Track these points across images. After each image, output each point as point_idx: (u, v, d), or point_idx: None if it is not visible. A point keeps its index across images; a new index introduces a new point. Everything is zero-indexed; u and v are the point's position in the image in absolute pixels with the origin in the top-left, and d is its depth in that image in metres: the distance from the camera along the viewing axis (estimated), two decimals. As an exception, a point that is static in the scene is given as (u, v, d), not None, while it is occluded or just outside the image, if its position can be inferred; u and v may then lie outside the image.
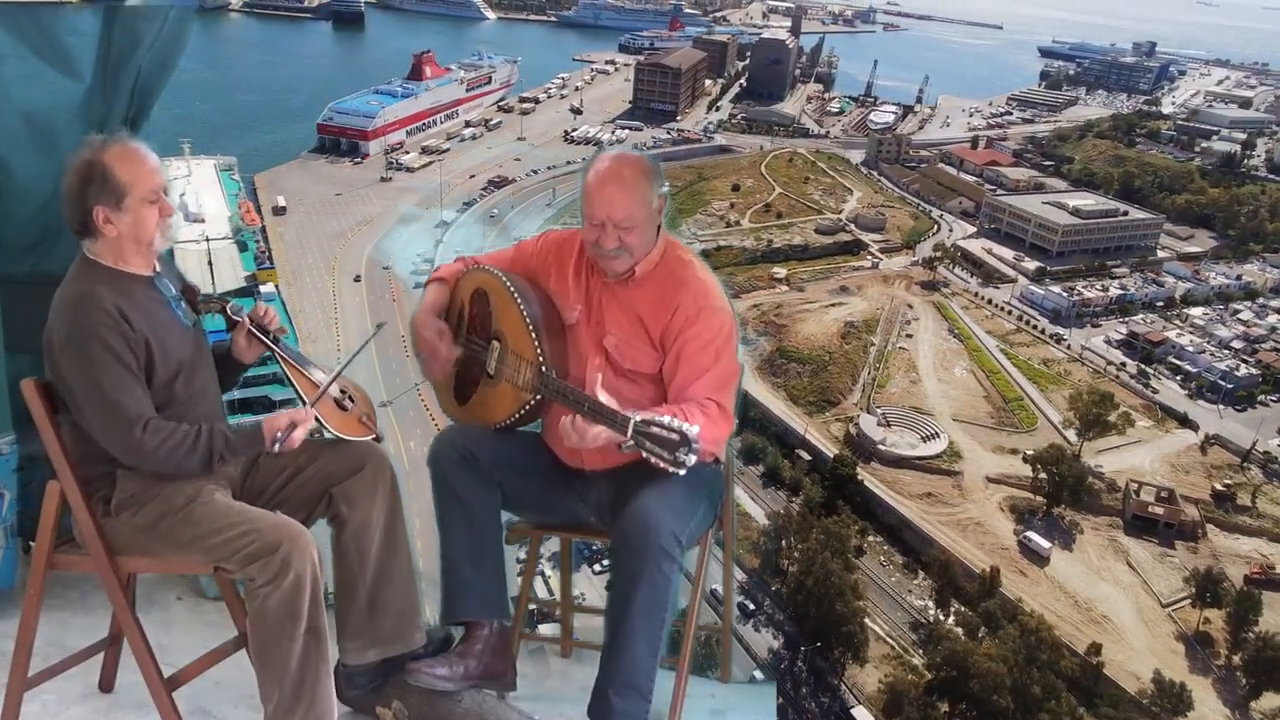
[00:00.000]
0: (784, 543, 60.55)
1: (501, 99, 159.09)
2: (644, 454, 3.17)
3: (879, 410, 77.65)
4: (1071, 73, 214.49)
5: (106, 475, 3.49)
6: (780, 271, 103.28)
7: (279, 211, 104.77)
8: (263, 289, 68.46)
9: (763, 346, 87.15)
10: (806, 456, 72.27)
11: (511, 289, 3.83)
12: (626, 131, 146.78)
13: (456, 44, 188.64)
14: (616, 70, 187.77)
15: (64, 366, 3.35)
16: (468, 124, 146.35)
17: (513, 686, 3.94)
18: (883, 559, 63.42)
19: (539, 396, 3.70)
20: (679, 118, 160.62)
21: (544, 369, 3.69)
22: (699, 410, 3.53)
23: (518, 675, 3.96)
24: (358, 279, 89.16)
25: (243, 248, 78.01)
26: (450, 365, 4.02)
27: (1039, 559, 62.84)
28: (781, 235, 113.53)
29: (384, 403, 58.37)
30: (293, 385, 3.82)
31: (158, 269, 3.59)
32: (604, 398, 3.35)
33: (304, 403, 3.68)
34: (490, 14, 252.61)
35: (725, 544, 4.37)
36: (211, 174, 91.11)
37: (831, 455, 70.65)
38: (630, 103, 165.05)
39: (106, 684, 4.11)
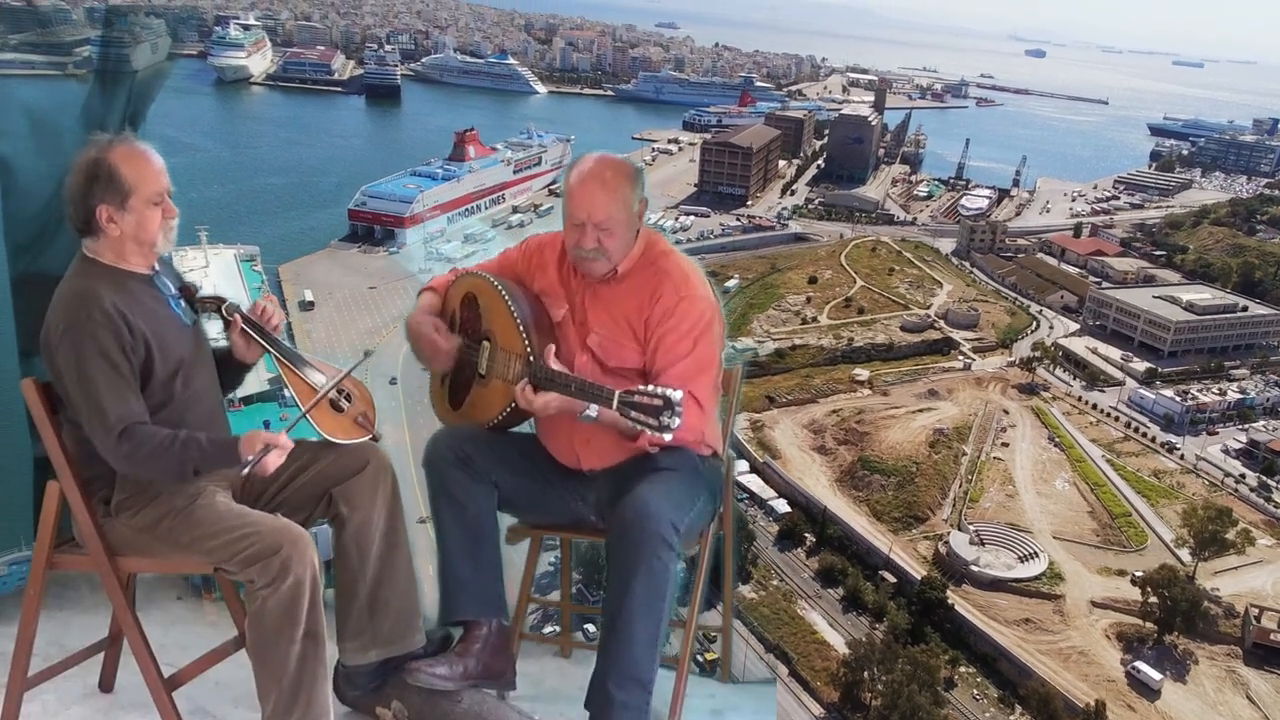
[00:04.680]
0: (866, 674, 60.02)
1: (553, 182, 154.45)
2: (630, 423, 3.60)
3: (971, 527, 77.25)
4: (1185, 153, 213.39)
5: (106, 475, 3.79)
6: (862, 373, 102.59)
7: (306, 307, 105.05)
8: (286, 393, 68.43)
9: (843, 456, 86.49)
10: (891, 579, 71.94)
11: (499, 288, 4.24)
12: (691, 218, 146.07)
13: (503, 121, 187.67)
14: (680, 150, 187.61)
15: (59, 362, 3.64)
16: (515, 209, 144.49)
17: (512, 686, 4.35)
18: (976, 692, 62.73)
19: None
20: (750, 202, 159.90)
21: (532, 359, 4.05)
22: None
23: (517, 675, 4.36)
24: (393, 381, 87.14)
25: (266, 347, 79.17)
26: (452, 355, 4.43)
27: (1149, 692, 62.11)
28: (864, 333, 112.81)
29: (422, 520, 58.47)
30: (288, 386, 4.15)
31: (156, 268, 3.94)
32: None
33: (298, 407, 4.05)
34: (541, 88, 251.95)
35: (725, 541, 4.77)
36: (231, 265, 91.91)
37: (919, 577, 70.49)
38: (696, 185, 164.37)
39: (106, 684, 4.53)
